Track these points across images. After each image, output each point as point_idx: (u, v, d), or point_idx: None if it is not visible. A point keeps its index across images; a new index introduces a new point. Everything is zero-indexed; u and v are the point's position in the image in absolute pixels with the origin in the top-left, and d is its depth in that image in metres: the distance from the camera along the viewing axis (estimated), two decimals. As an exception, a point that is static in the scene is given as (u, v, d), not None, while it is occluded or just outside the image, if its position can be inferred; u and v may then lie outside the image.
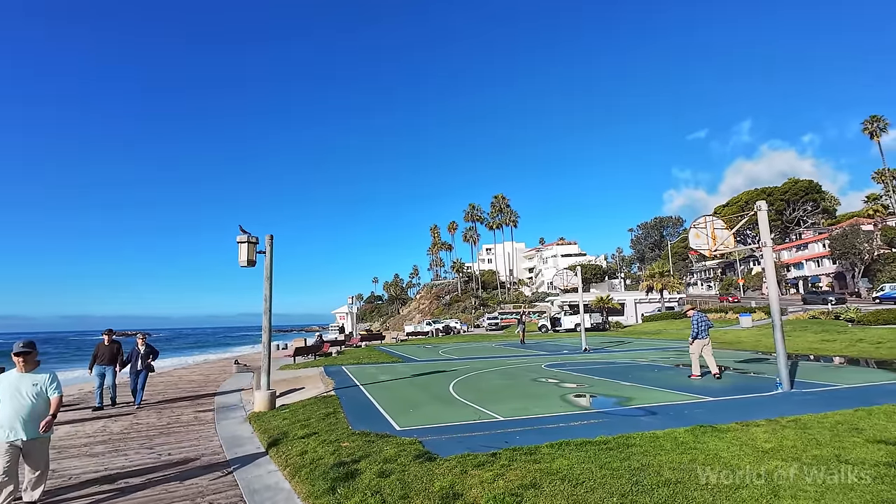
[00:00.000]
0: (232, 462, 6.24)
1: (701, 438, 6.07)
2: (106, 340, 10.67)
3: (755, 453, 5.46)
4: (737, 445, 5.76)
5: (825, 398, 8.83)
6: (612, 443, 5.84)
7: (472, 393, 10.31)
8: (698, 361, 11.91)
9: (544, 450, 5.60)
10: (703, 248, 11.15)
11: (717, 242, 11.17)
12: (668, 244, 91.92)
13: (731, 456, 5.36)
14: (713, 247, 11.14)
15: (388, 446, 5.92)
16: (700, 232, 11.14)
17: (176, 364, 29.11)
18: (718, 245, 11.13)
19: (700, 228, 11.16)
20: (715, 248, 11.13)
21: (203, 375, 17.25)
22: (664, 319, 39.86)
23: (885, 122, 71.18)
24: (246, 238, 9.89)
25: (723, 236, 11.25)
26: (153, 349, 11.04)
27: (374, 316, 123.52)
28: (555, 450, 5.59)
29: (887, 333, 21.56)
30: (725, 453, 5.45)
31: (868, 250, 55.48)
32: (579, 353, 19.72)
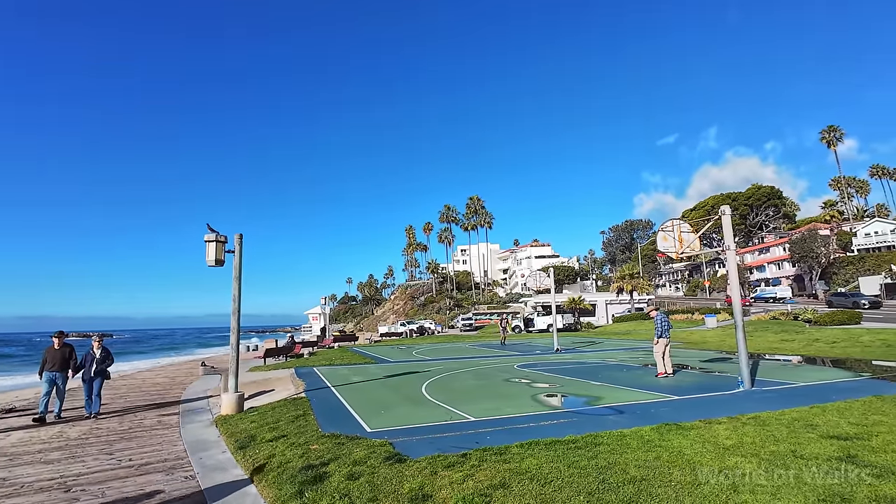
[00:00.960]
0: (197, 467, 6.06)
1: (666, 436, 6.23)
2: (56, 343, 9.64)
3: (717, 450, 5.64)
4: (699, 443, 5.94)
5: (783, 396, 9.20)
6: (581, 442, 5.94)
7: (445, 394, 10.32)
8: (662, 360, 12.24)
9: (514, 450, 5.65)
10: (670, 250, 11.45)
11: (683, 245, 11.49)
12: (638, 247, 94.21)
13: (693, 453, 5.52)
14: (680, 250, 11.46)
15: (358, 448, 5.87)
16: (667, 235, 11.44)
17: (140, 366, 28.12)
18: (685, 248, 11.45)
19: (667, 232, 11.46)
20: (682, 250, 11.45)
21: (168, 378, 16.73)
22: (634, 320, 40.79)
23: (841, 132, 74.87)
24: (214, 237, 9.63)
25: (689, 239, 11.58)
26: (109, 354, 10.04)
27: (347, 317, 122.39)
28: (524, 449, 5.65)
29: (841, 333, 22.65)
30: (689, 451, 5.61)
31: (825, 254, 58.16)
32: (551, 354, 19.99)
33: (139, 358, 40.13)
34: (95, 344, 9.90)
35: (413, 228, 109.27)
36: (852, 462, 5.16)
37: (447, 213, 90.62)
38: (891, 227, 61.72)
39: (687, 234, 11.67)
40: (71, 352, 9.72)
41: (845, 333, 22.65)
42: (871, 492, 4.36)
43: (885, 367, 13.09)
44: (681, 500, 4.23)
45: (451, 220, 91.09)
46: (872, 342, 19.45)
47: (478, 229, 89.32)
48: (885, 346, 18.37)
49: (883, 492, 4.30)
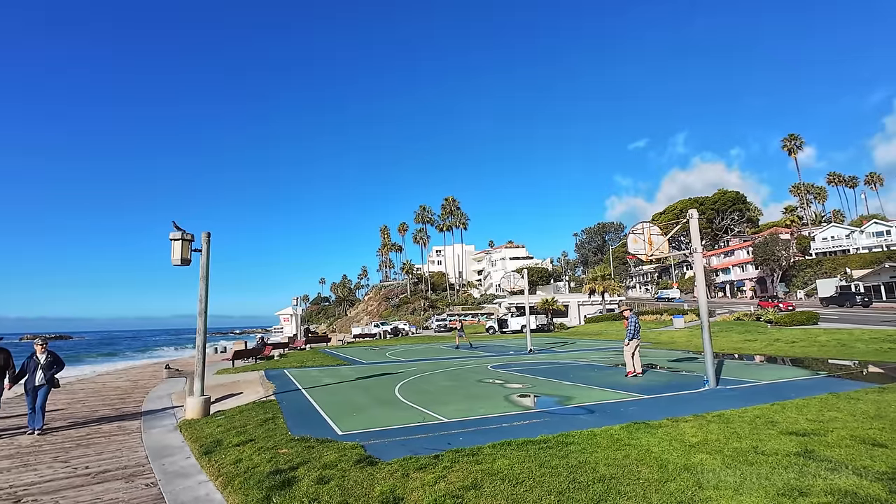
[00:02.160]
0: (159, 474, 5.84)
1: (635, 435, 6.34)
2: None
3: (683, 447, 5.77)
4: (667, 441, 6.07)
5: (746, 394, 9.52)
6: (552, 441, 5.99)
7: (418, 395, 10.26)
8: (632, 360, 12.51)
9: (486, 450, 5.65)
10: (640, 252, 11.70)
11: (653, 248, 11.76)
12: (609, 249, 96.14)
13: (661, 451, 5.64)
14: (650, 252, 11.73)
15: (328, 452, 5.76)
16: (638, 237, 11.69)
17: (100, 369, 26.99)
18: (654, 250, 11.72)
19: (638, 234, 11.71)
20: (651, 252, 11.72)
21: (131, 382, 16.09)
22: (605, 321, 41.57)
23: (801, 141, 78.30)
24: (180, 235, 9.32)
25: (658, 242, 11.86)
26: (58, 359, 8.58)
27: (320, 318, 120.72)
28: (497, 450, 5.65)
29: (800, 333, 23.63)
30: (656, 448, 5.73)
31: (785, 257, 60.69)
32: (524, 354, 20.16)
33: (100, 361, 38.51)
34: (39, 348, 8.42)
35: (388, 228, 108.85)
36: (810, 457, 5.37)
37: (423, 214, 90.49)
38: (846, 232, 64.93)
39: (657, 236, 11.95)
40: (6, 358, 8.23)
41: (804, 333, 23.64)
42: (826, 485, 4.54)
43: (839, 365, 13.71)
44: (648, 497, 4.30)
45: (426, 221, 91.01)
46: (828, 342, 20.37)
47: (453, 230, 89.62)
48: (839, 345, 19.26)
49: (838, 485, 4.47)
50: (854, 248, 62.61)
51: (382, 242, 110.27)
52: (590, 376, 12.67)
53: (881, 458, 5.21)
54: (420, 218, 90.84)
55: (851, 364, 13.79)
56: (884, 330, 22.15)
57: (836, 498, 4.20)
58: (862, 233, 63.40)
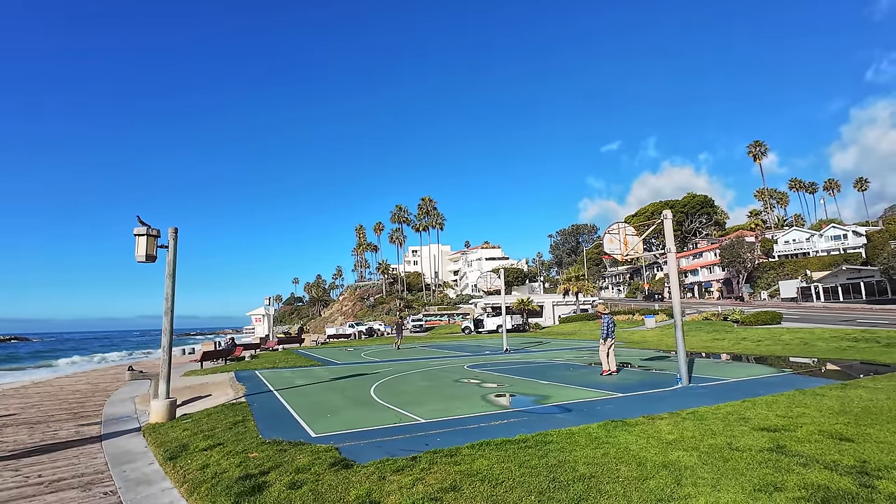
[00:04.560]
0: (119, 481, 5.51)
1: (612, 433, 6.34)
2: None
3: (660, 445, 5.80)
4: (644, 438, 6.09)
5: (718, 391, 9.71)
6: (531, 441, 5.93)
7: (394, 396, 10.09)
8: (607, 359, 12.63)
9: (465, 451, 5.54)
10: (615, 252, 11.82)
11: (628, 248, 11.90)
12: (583, 250, 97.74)
13: (639, 448, 5.64)
14: (625, 252, 11.85)
15: (301, 455, 5.54)
16: (614, 238, 11.80)
17: (58, 372, 25.74)
18: (629, 251, 11.86)
19: (614, 234, 11.82)
20: (626, 253, 11.85)
21: (90, 384, 15.35)
22: (579, 321, 42.12)
23: (765, 147, 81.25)
24: (145, 230, 8.89)
25: (633, 242, 12.01)
26: None
27: (293, 318, 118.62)
28: (475, 450, 5.55)
29: (765, 333, 24.43)
30: (634, 446, 5.73)
31: (750, 259, 62.84)
32: (500, 354, 20.18)
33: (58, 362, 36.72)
34: None
35: (363, 228, 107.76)
36: (782, 452, 5.45)
37: (399, 214, 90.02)
38: (806, 236, 67.74)
39: (632, 237, 12.10)
40: None
41: (768, 333, 24.45)
42: (799, 480, 4.60)
43: (802, 363, 14.19)
44: (628, 495, 4.27)
45: (402, 221, 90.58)
46: (791, 340, 21.11)
47: (429, 230, 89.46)
48: (802, 343, 19.98)
49: (810, 479, 4.54)
50: (814, 251, 65.36)
51: (358, 242, 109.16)
52: (566, 375, 12.73)
53: (849, 452, 5.33)
54: (396, 218, 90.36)
55: (813, 362, 14.28)
56: (842, 329, 23.11)
57: (809, 492, 4.25)
58: (821, 236, 66.25)
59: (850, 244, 63.61)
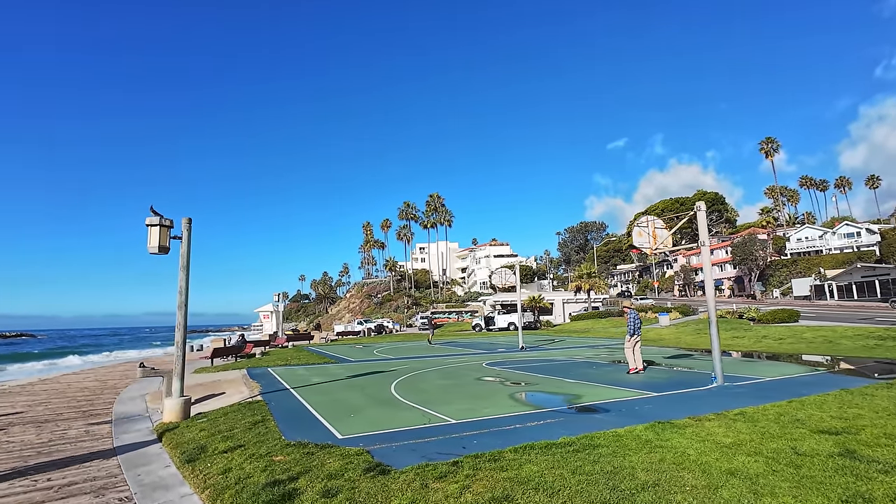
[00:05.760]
0: (134, 486, 5.10)
1: (662, 436, 5.87)
2: None
3: (719, 449, 5.32)
4: (698, 441, 5.62)
5: (756, 391, 9.21)
6: (577, 444, 5.47)
7: (416, 394, 9.65)
8: (633, 357, 12.14)
9: (508, 455, 5.09)
10: (644, 246, 11.32)
11: (657, 241, 11.39)
12: (593, 247, 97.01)
13: (697, 453, 5.17)
14: (654, 245, 11.35)
15: (331, 459, 5.11)
16: (643, 231, 11.30)
17: (65, 369, 25.53)
18: (659, 244, 11.36)
19: (643, 227, 11.33)
20: (655, 246, 11.35)
21: (99, 381, 15.01)
22: (591, 318, 41.56)
23: (777, 144, 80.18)
24: (158, 221, 8.49)
25: (662, 236, 11.50)
26: None
27: (300, 315, 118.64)
28: (520, 454, 5.10)
29: (785, 331, 23.84)
30: (692, 451, 5.25)
31: (762, 257, 61.93)
32: (516, 352, 19.71)
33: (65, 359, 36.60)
34: None
35: (371, 225, 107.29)
36: (854, 458, 4.98)
37: (407, 210, 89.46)
38: (819, 233, 66.69)
39: (660, 230, 11.59)
40: None
41: (789, 331, 23.86)
42: (887, 489, 4.13)
43: (835, 361, 13.63)
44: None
45: (410, 218, 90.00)
46: (815, 338, 20.53)
47: (437, 227, 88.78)
48: (826, 341, 19.40)
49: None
50: (827, 248, 64.32)
51: (365, 239, 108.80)
52: (590, 373, 12.25)
53: (933, 458, 4.84)
54: (404, 214, 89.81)
55: (846, 361, 13.72)
56: (864, 328, 22.47)
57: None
58: (834, 234, 65.18)
59: (863, 242, 62.54)
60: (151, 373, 9.84)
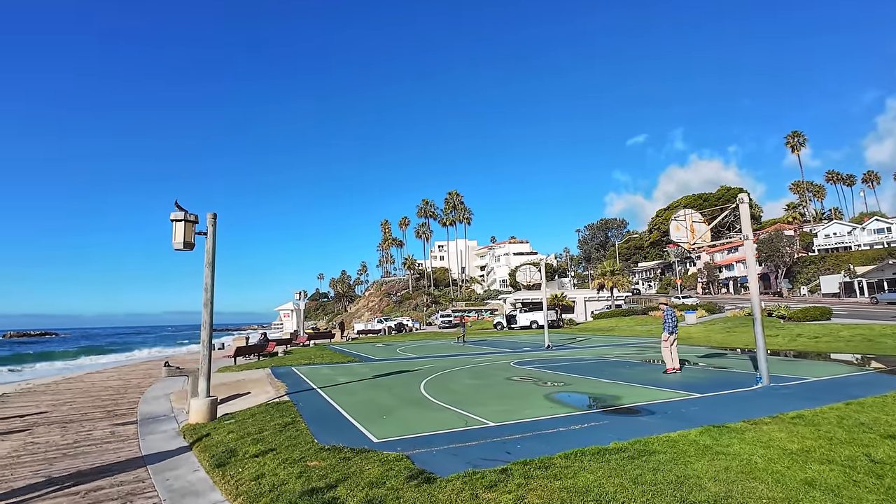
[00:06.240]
0: (163, 492, 4.88)
1: (721, 441, 5.44)
2: None
3: (788, 456, 4.88)
4: (762, 447, 5.17)
5: (806, 391, 8.67)
6: (631, 450, 5.07)
7: (447, 394, 9.32)
8: (671, 356, 11.64)
9: (559, 462, 4.72)
10: (682, 240, 10.83)
11: (695, 236, 10.88)
12: (614, 245, 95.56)
13: (764, 461, 4.74)
14: (692, 240, 10.85)
15: (369, 465, 4.80)
16: (680, 225, 10.81)
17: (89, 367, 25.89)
18: (697, 238, 10.85)
19: (680, 221, 10.83)
20: (694, 241, 10.84)
21: (123, 380, 15.05)
22: (614, 316, 40.74)
23: (803, 138, 77.82)
24: (183, 216, 8.31)
25: (700, 230, 10.99)
26: None
27: (319, 314, 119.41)
28: (571, 461, 4.73)
29: (819, 329, 22.90)
30: (758, 458, 4.82)
31: (789, 254, 60.10)
32: (543, 351, 19.26)
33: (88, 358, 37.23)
34: None
35: (389, 223, 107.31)
36: (942, 468, 4.49)
37: (425, 208, 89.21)
38: (848, 229, 64.51)
39: (699, 224, 11.08)
40: None
41: (824, 329, 22.93)
42: None
43: (882, 360, 12.91)
44: (796, 526, 3.39)
45: (429, 215, 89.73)
46: (853, 337, 19.61)
47: (456, 225, 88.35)
48: (865, 340, 18.50)
49: None
50: (856, 244, 62.25)
51: (383, 237, 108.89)
52: (624, 373, 11.77)
53: None
54: (423, 212, 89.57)
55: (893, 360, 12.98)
56: (906, 325, 21.46)
57: None
58: (863, 230, 63.03)
59: (894, 237, 60.33)
60: (176, 372, 9.69)
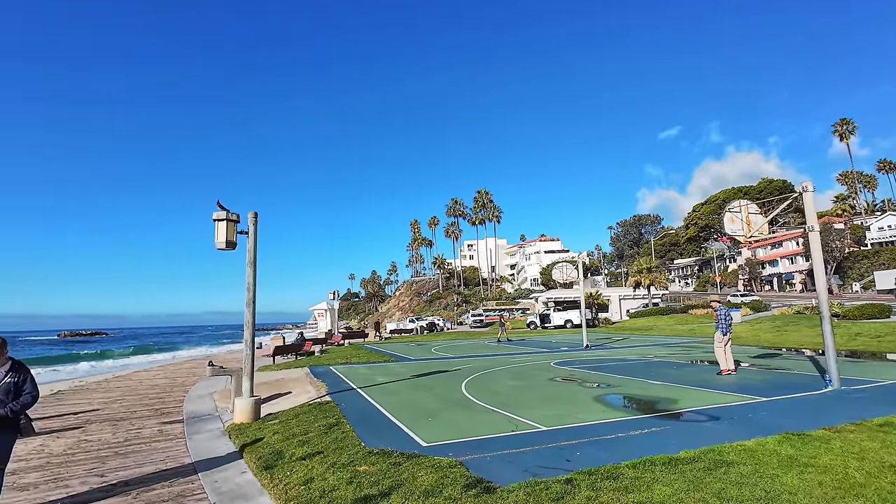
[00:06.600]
0: (213, 495, 4.77)
1: (804, 451, 4.93)
2: None
3: (889, 470, 4.34)
4: (855, 459, 4.65)
5: (885, 395, 7.94)
6: (705, 460, 4.64)
7: (490, 396, 9.02)
8: (725, 356, 11.00)
9: (627, 472, 4.35)
10: (738, 233, 10.17)
11: (752, 228, 10.20)
12: (648, 241, 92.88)
13: (864, 476, 4.22)
14: (748, 232, 10.18)
15: (422, 471, 4.56)
16: (735, 217, 10.16)
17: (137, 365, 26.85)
18: (754, 231, 10.16)
19: (735, 213, 10.18)
20: (750, 234, 10.17)
21: (168, 379, 15.43)
22: (652, 315, 39.45)
23: (853, 125, 73.48)
24: (225, 216, 8.30)
25: (758, 222, 10.29)
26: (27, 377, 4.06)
27: (350, 313, 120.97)
28: (640, 472, 4.35)
29: (880, 327, 21.41)
30: (854, 471, 4.31)
31: (839, 248, 56.86)
32: (581, 350, 18.69)
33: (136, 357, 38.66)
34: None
35: (418, 223, 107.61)
36: None
37: (454, 207, 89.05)
38: (905, 221, 60.49)
39: (755, 215, 10.38)
40: None
41: (885, 327, 21.43)
42: None
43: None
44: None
45: (458, 215, 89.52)
46: (921, 336, 18.21)
47: (485, 224, 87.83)
48: (937, 339, 17.14)
49: None
50: (914, 237, 58.31)
51: (413, 237, 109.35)
52: (673, 374, 11.18)
53: None
54: (452, 211, 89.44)
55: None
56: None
57: None
58: (923, 221, 58.98)
59: (957, 229, 56.23)
60: (220, 371, 9.75)
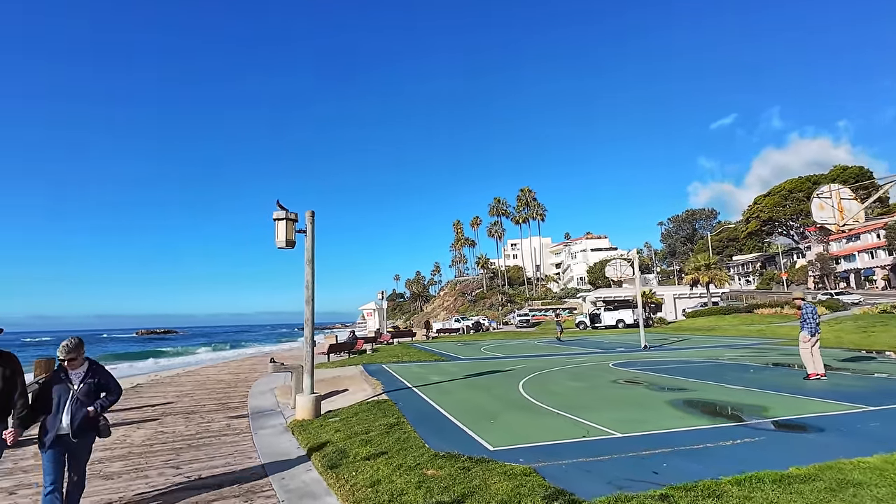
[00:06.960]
0: (280, 492, 4.70)
1: (943, 471, 4.23)
2: None
3: None
4: None
5: None
6: (823, 478, 4.06)
7: (550, 397, 8.60)
8: (813, 359, 9.99)
9: (731, 490, 3.86)
10: (828, 221, 9.21)
11: (845, 216, 9.19)
12: (703, 237, 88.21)
13: None
14: (841, 221, 9.18)
15: (494, 478, 4.26)
16: (825, 203, 9.20)
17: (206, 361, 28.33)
18: (848, 219, 9.15)
19: (825, 199, 9.22)
20: (844, 221, 9.17)
21: (232, 374, 16.02)
22: (712, 315, 37.28)
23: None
24: (284, 215, 8.38)
25: (852, 209, 9.27)
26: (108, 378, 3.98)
27: (396, 313, 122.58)
28: (747, 490, 3.85)
29: None
30: None
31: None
32: (640, 351, 17.79)
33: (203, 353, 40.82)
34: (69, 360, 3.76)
35: (461, 223, 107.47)
36: None
37: (497, 206, 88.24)
38: None
39: (848, 201, 9.36)
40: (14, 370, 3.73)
41: None
42: None
43: None
44: None
45: (501, 214, 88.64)
46: None
47: (529, 222, 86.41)
48: None
49: None
50: None
51: (455, 237, 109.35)
52: (752, 378, 10.29)
53: None
54: (495, 210, 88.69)
55: None
56: None
57: None
58: None
59: None
60: (282, 368, 9.91)
